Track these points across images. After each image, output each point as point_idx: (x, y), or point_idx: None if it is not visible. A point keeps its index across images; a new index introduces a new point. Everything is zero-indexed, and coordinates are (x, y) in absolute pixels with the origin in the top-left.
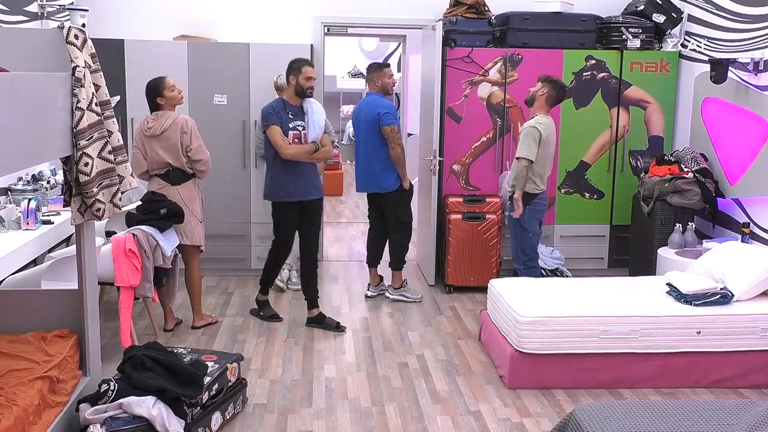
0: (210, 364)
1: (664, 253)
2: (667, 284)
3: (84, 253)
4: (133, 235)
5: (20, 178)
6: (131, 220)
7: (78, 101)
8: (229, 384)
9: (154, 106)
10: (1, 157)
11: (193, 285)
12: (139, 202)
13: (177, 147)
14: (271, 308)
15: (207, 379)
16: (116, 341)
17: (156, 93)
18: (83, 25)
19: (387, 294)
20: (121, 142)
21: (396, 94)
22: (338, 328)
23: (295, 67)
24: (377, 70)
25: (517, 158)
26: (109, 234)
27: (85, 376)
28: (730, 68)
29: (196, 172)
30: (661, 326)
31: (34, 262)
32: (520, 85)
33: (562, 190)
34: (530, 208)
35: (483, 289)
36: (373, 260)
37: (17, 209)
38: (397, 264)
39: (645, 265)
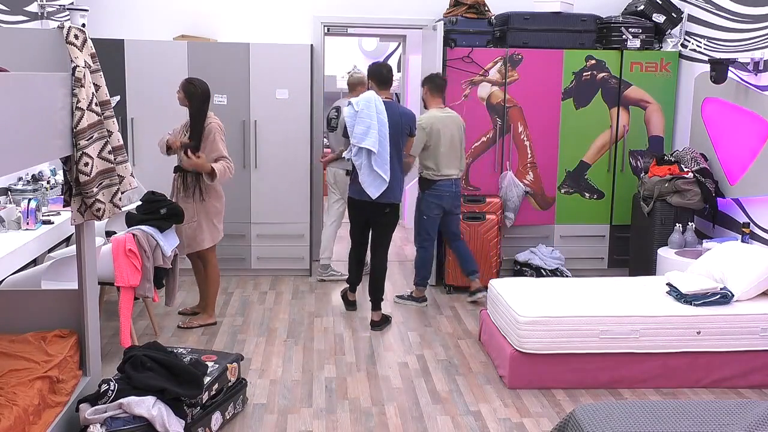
0: (210, 364)
1: (664, 253)
2: (667, 284)
3: (84, 253)
4: (133, 235)
5: (20, 178)
6: (131, 220)
7: (78, 101)
8: (229, 384)
9: (205, 110)
10: (1, 157)
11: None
12: (139, 202)
13: None
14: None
15: (207, 379)
16: (116, 341)
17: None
18: (83, 25)
19: None
20: (121, 142)
21: (396, 94)
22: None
23: None
24: None
25: None
26: (109, 234)
27: (85, 376)
28: (730, 68)
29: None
30: (661, 326)
31: (34, 262)
32: (521, 85)
33: (562, 190)
34: (428, 193)
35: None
36: None
37: (17, 209)
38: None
39: (645, 265)
